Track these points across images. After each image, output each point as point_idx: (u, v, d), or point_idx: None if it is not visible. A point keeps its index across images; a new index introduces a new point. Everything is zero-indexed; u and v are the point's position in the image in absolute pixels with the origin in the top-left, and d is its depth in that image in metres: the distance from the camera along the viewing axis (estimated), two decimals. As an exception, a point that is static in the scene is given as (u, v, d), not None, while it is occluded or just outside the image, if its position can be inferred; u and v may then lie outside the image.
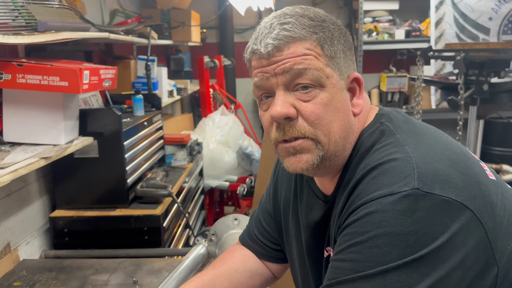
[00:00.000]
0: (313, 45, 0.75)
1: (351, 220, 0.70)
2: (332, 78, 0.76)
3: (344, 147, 0.79)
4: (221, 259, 1.09)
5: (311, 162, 0.77)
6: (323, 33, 0.76)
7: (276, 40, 0.75)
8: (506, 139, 4.07)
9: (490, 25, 4.14)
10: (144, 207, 1.91)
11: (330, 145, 0.77)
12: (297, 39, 0.75)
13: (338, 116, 0.77)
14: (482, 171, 0.74)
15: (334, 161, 0.80)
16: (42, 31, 1.37)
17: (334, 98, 0.76)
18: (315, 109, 0.75)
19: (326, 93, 0.76)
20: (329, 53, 0.76)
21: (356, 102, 0.81)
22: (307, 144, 0.77)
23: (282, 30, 0.75)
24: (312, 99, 0.76)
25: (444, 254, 0.63)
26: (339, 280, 0.68)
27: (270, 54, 0.75)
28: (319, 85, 0.75)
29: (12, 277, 1.50)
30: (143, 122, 2.15)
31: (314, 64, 0.75)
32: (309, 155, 0.77)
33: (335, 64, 0.77)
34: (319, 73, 0.75)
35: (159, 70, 2.85)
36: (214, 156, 3.18)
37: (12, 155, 1.40)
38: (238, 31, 4.86)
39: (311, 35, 0.75)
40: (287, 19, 0.76)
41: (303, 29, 0.75)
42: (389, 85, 4.42)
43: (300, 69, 0.74)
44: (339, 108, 0.77)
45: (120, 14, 2.82)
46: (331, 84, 0.76)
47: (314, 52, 0.75)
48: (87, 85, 1.47)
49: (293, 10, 0.79)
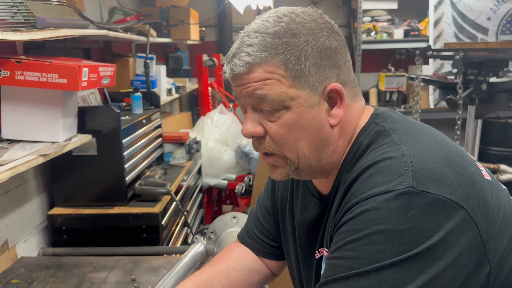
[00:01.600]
0: (276, 67, 0.74)
1: (347, 218, 0.70)
2: (298, 98, 0.75)
3: (318, 158, 0.80)
4: (219, 257, 1.09)
5: (285, 174, 0.82)
6: (288, 52, 0.74)
7: (237, 66, 0.75)
8: (504, 139, 4.08)
9: (489, 25, 4.15)
10: (142, 205, 1.91)
11: (299, 159, 0.79)
12: (257, 64, 0.74)
13: (306, 133, 0.77)
14: (478, 171, 0.75)
15: (312, 170, 0.82)
16: (41, 28, 1.36)
17: (301, 117, 0.76)
18: (279, 130, 0.77)
19: (292, 113, 0.76)
20: (295, 73, 0.74)
21: (336, 113, 0.78)
22: (278, 161, 0.81)
23: (245, 54, 0.74)
24: (277, 120, 0.77)
25: (438, 252, 0.64)
26: (334, 277, 0.68)
27: (234, 78, 0.77)
28: (283, 107, 0.76)
29: (10, 274, 1.49)
30: (141, 120, 2.14)
31: (275, 90, 0.74)
32: (282, 169, 0.82)
33: (303, 82, 0.75)
34: (280, 97, 0.74)
35: (157, 68, 2.84)
36: (212, 154, 3.18)
37: (10, 152, 1.39)
38: (237, 30, 4.84)
39: (274, 57, 0.74)
40: (252, 40, 0.74)
41: (265, 51, 0.74)
42: (387, 84, 4.43)
43: (260, 95, 0.75)
44: (307, 125, 0.76)
45: (119, 11, 2.81)
46: (297, 104, 0.75)
47: (277, 75, 0.74)
48: (86, 83, 1.46)
49: (264, 23, 0.76)
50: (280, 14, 0.77)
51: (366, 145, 0.78)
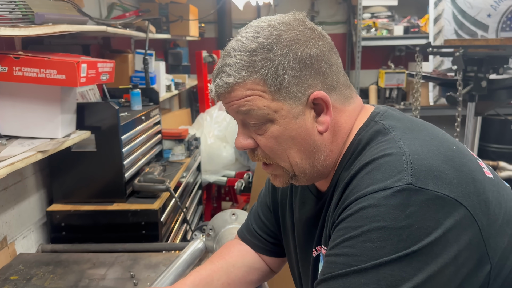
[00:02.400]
0: (255, 83, 0.76)
1: (345, 215, 0.70)
2: (281, 110, 0.77)
3: (312, 164, 0.81)
4: (219, 254, 1.09)
5: (284, 182, 0.85)
6: (266, 68, 0.75)
7: (218, 86, 0.78)
8: (503, 136, 4.08)
9: (489, 22, 4.14)
10: (141, 201, 1.91)
11: (293, 168, 0.81)
12: (238, 83, 0.76)
13: (294, 142, 0.79)
14: (479, 168, 0.74)
15: (309, 175, 0.83)
16: (39, 23, 1.36)
17: (286, 129, 0.78)
18: (267, 143, 0.79)
19: (277, 125, 0.77)
20: (274, 87, 0.75)
21: (323, 120, 0.79)
22: (276, 170, 0.84)
23: (224, 75, 0.77)
24: (264, 133, 0.79)
25: (437, 250, 0.63)
26: (333, 274, 0.68)
27: (218, 97, 0.80)
28: (268, 121, 0.77)
29: (8, 271, 1.49)
30: (140, 117, 2.14)
31: (257, 104, 0.76)
32: (280, 177, 0.85)
33: (284, 94, 0.76)
34: (263, 111, 0.76)
35: (157, 65, 2.84)
36: (212, 151, 3.18)
37: (8, 148, 1.39)
38: (237, 26, 4.84)
39: (252, 75, 0.75)
40: (231, 59, 0.76)
41: (243, 70, 0.75)
42: (387, 81, 4.42)
43: (244, 111, 0.77)
44: (294, 136, 0.78)
45: (118, 7, 2.80)
46: (281, 116, 0.77)
47: (258, 91, 0.76)
48: (84, 79, 1.46)
49: (244, 38, 0.77)
50: (258, 29, 0.78)
51: (365, 142, 0.78)
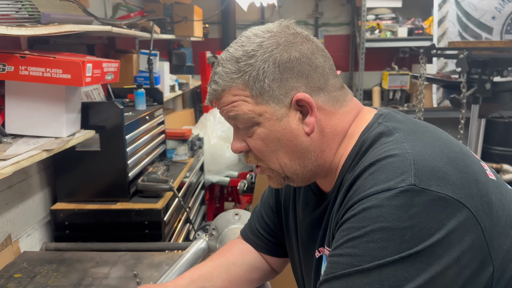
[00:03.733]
0: (239, 89, 0.80)
1: (349, 216, 0.70)
2: (265, 113, 0.80)
3: (302, 165, 0.83)
4: (220, 252, 1.10)
5: (278, 183, 0.88)
6: (247, 74, 0.79)
7: (209, 94, 0.84)
8: (507, 138, 4.07)
9: (493, 24, 4.13)
10: (145, 201, 1.91)
11: (283, 169, 0.84)
12: (223, 90, 0.82)
13: (281, 144, 0.81)
14: (482, 170, 0.75)
15: (302, 176, 0.85)
16: (45, 23, 1.37)
17: (272, 131, 0.81)
18: (256, 145, 0.83)
19: (262, 128, 0.81)
20: (257, 91, 0.79)
21: (308, 121, 0.80)
22: (266, 171, 0.87)
23: (213, 83, 0.83)
24: (252, 135, 0.83)
25: (440, 251, 0.64)
26: (336, 275, 0.68)
27: (212, 104, 0.87)
28: (254, 124, 0.81)
29: (12, 268, 1.50)
30: (144, 116, 2.15)
31: (243, 109, 0.80)
32: (273, 178, 0.87)
33: (266, 98, 0.79)
34: (248, 115, 0.80)
35: (161, 65, 2.84)
36: (215, 151, 3.19)
37: (14, 147, 1.40)
38: (241, 27, 4.85)
39: (235, 81, 0.80)
40: (218, 68, 0.82)
41: (228, 76, 0.81)
42: (391, 83, 4.42)
43: (232, 116, 0.82)
44: (279, 137, 0.81)
45: (123, 7, 2.81)
46: (266, 119, 0.80)
47: (242, 96, 0.80)
48: (89, 78, 1.47)
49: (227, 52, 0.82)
50: (244, 38, 0.83)
51: (369, 144, 0.78)
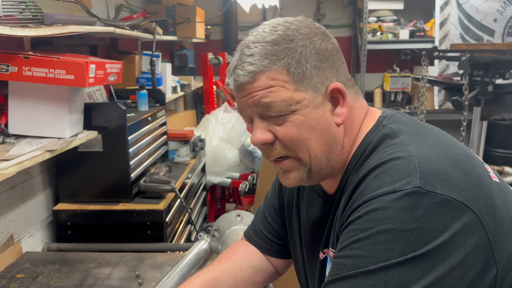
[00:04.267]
0: (278, 73, 0.76)
1: (354, 218, 0.70)
2: (303, 100, 0.77)
3: (328, 158, 0.81)
4: (226, 255, 1.10)
5: (299, 179, 0.82)
6: (289, 57, 0.76)
7: (241, 76, 0.77)
8: (509, 141, 4.07)
9: (495, 27, 4.13)
10: (147, 202, 1.91)
11: (311, 161, 0.80)
12: (260, 72, 0.76)
13: (315, 132, 0.78)
14: (486, 172, 0.75)
15: (323, 172, 0.83)
16: (48, 24, 1.37)
17: (308, 118, 0.78)
18: (288, 132, 0.78)
19: (298, 115, 0.77)
20: (297, 76, 0.76)
21: (339, 112, 0.81)
22: (292, 163, 0.81)
23: (247, 64, 0.76)
24: (284, 122, 0.78)
25: (445, 253, 0.64)
26: (341, 276, 0.68)
27: (239, 89, 0.79)
28: (289, 112, 0.77)
29: (15, 269, 1.50)
30: (147, 117, 2.15)
31: (281, 96, 0.76)
32: (296, 172, 0.82)
33: (306, 84, 0.77)
34: (286, 102, 0.76)
35: (163, 66, 2.85)
36: (216, 152, 3.19)
37: (17, 147, 1.40)
38: (243, 29, 4.85)
39: (276, 63, 0.76)
40: (252, 50, 0.77)
41: (267, 58, 0.76)
42: (392, 85, 4.42)
43: (267, 103, 0.77)
44: (315, 125, 0.78)
45: (125, 9, 2.82)
46: (303, 106, 0.77)
47: (280, 81, 0.76)
48: (93, 79, 1.47)
49: (261, 33, 0.78)
50: (275, 24, 0.80)
51: (373, 146, 0.78)
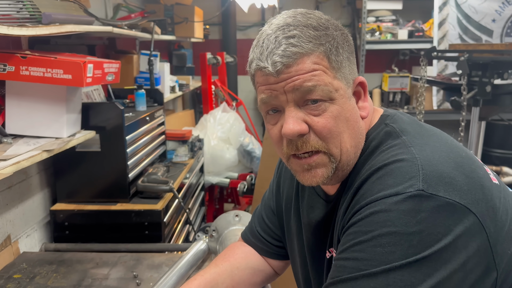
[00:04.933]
0: (320, 58, 0.73)
1: (356, 220, 0.70)
2: (340, 89, 0.75)
3: (355, 154, 0.80)
4: (223, 256, 1.09)
5: (326, 176, 0.78)
6: (329, 43, 0.74)
7: (283, 57, 0.72)
8: (507, 141, 4.06)
9: (494, 27, 4.13)
10: (145, 202, 1.91)
11: (342, 155, 0.77)
12: (305, 54, 0.72)
13: (348, 125, 0.76)
14: (486, 175, 0.75)
15: (346, 169, 0.80)
16: (46, 23, 1.36)
17: (344, 109, 0.76)
18: (327, 123, 0.75)
19: (336, 105, 0.75)
20: (336, 64, 0.75)
21: (363, 105, 0.81)
22: (321, 159, 0.77)
23: (289, 45, 0.72)
24: (323, 113, 0.74)
25: (447, 256, 0.64)
26: (342, 278, 0.68)
27: (279, 72, 0.73)
28: (328, 99, 0.74)
29: (12, 269, 1.49)
30: (145, 117, 2.14)
31: (323, 80, 0.73)
32: (323, 169, 0.78)
33: (341, 74, 0.76)
34: (328, 88, 0.73)
35: (161, 66, 2.84)
36: (215, 152, 3.18)
37: (14, 147, 1.39)
38: (241, 28, 4.85)
39: (318, 48, 0.73)
40: (292, 32, 0.73)
41: (310, 42, 0.73)
42: (391, 85, 4.42)
43: (309, 86, 0.73)
44: (349, 117, 0.76)
45: (123, 8, 2.81)
46: (340, 96, 0.75)
47: (322, 66, 0.73)
48: (90, 79, 1.46)
49: (295, 18, 0.75)
50: (303, 12, 0.77)
51: (375, 145, 0.78)
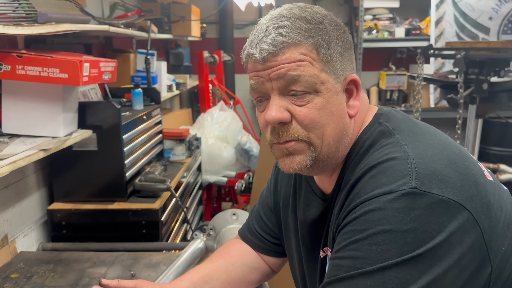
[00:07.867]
0: (308, 50, 0.75)
1: (350, 219, 0.70)
2: (327, 83, 0.76)
3: (337, 148, 0.80)
4: (219, 253, 1.10)
5: (304, 163, 0.79)
6: (320, 37, 0.75)
7: (271, 45, 0.74)
8: (504, 138, 4.08)
9: (490, 25, 4.14)
10: (142, 201, 1.91)
11: (323, 147, 0.78)
12: (292, 45, 0.74)
13: (333, 119, 0.77)
14: (480, 171, 0.75)
15: (327, 162, 0.81)
16: (42, 22, 1.36)
17: (329, 102, 0.76)
18: (309, 113, 0.76)
19: (321, 98, 0.76)
20: (325, 57, 0.76)
21: (353, 104, 0.81)
22: (300, 146, 0.78)
23: (278, 35, 0.74)
24: (306, 103, 0.76)
25: (441, 253, 0.64)
26: (338, 277, 0.68)
27: (265, 60, 0.75)
28: (313, 91, 0.75)
29: (9, 269, 1.49)
30: (142, 116, 2.14)
31: (309, 71, 0.74)
32: (302, 156, 0.79)
33: (330, 68, 0.77)
34: (313, 79, 0.75)
35: (158, 64, 2.84)
36: (212, 151, 3.18)
37: (10, 146, 1.39)
38: (238, 27, 4.85)
39: (307, 40, 0.74)
40: (283, 22, 0.75)
41: (299, 33, 0.74)
42: (388, 83, 4.42)
43: (294, 76, 0.74)
44: (334, 111, 0.77)
45: (120, 7, 2.80)
46: (326, 89, 0.76)
47: (309, 57, 0.75)
48: (87, 78, 1.46)
49: (290, 11, 0.77)
50: (301, 6, 0.78)
51: (369, 144, 0.78)
